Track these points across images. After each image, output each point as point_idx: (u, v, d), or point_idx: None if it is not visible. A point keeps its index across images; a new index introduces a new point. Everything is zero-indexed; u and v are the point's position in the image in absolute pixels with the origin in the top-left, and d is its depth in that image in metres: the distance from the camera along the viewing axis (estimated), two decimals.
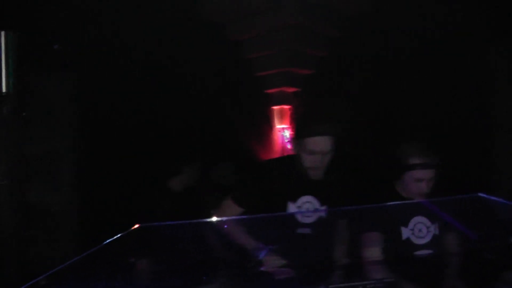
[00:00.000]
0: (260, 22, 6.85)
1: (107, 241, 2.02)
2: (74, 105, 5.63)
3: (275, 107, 8.09)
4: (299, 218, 2.73)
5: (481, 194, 2.25)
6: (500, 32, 5.62)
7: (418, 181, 2.75)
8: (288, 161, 2.81)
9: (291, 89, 7.90)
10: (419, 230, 2.81)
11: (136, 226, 2.07)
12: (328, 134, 2.62)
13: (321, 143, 2.61)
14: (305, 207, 2.74)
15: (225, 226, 2.62)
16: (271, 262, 2.49)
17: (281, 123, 8.11)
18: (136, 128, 5.89)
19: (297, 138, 2.70)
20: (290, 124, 8.17)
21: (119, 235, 2.04)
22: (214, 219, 2.68)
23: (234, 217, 2.61)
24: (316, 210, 2.74)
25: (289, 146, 8.11)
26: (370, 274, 2.55)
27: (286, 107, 8.11)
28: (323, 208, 2.78)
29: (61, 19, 5.36)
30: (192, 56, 6.48)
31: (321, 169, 2.68)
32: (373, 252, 2.69)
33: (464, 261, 2.91)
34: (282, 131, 8.14)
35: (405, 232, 2.80)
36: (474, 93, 5.86)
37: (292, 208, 2.72)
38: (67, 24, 5.43)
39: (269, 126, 8.02)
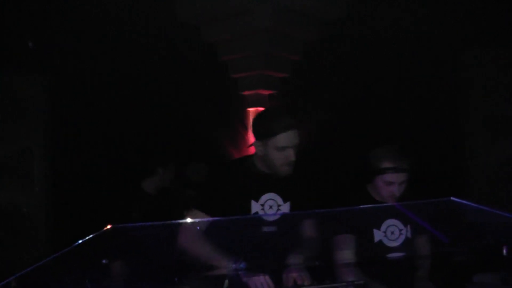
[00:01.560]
0: (234, 24, 6.85)
1: (78, 242, 1.99)
2: (47, 104, 5.57)
3: (250, 109, 8.09)
4: (264, 217, 2.72)
5: (453, 198, 2.27)
6: (472, 40, 5.73)
7: (389, 184, 2.78)
8: (247, 161, 2.81)
9: (266, 92, 7.92)
10: (391, 233, 2.84)
11: (108, 227, 2.05)
12: (297, 127, 2.64)
13: (293, 137, 2.62)
14: (268, 205, 2.72)
15: (197, 228, 2.60)
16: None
17: None
18: (109, 129, 5.85)
19: (263, 137, 2.65)
20: None
21: (90, 236, 2.02)
22: (188, 220, 2.67)
23: (205, 219, 2.58)
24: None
25: None
26: (341, 276, 2.56)
27: (261, 109, 8.11)
28: (287, 205, 2.76)
29: (34, 20, 5.30)
30: (168, 57, 6.46)
31: (292, 164, 2.67)
32: (345, 254, 2.71)
33: (435, 264, 2.94)
34: None
35: (378, 235, 2.83)
36: (446, 98, 5.95)
37: (255, 206, 2.71)
38: (41, 24, 5.37)
39: (245, 127, 8.03)
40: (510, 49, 5.51)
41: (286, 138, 2.60)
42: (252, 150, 2.77)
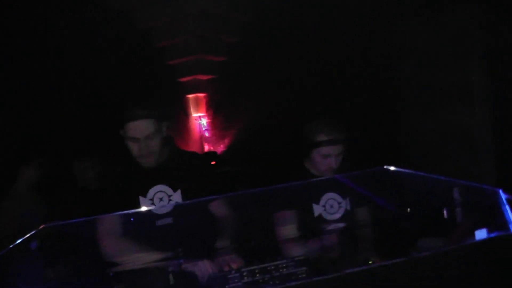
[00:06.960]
0: (168, 9, 6.73)
1: (10, 246, 1.89)
2: None
3: (190, 96, 7.98)
4: (155, 210, 2.50)
5: (386, 167, 2.27)
6: (407, 11, 5.79)
7: (326, 157, 2.77)
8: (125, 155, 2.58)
9: (205, 77, 7.83)
10: (330, 206, 2.83)
11: (42, 226, 1.96)
12: (148, 117, 2.40)
13: (141, 128, 2.40)
14: (158, 197, 2.52)
15: (131, 219, 2.50)
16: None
17: (197, 111, 8.03)
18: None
19: (122, 126, 2.45)
20: (207, 112, 8.11)
21: (24, 238, 1.93)
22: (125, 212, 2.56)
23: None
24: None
25: (206, 134, 8.05)
26: (282, 253, 2.53)
27: (201, 95, 8.02)
28: (177, 193, 2.55)
29: None
30: (100, 44, 6.26)
31: (151, 156, 2.48)
32: (285, 230, 2.69)
33: (378, 232, 2.96)
34: (199, 120, 8.07)
35: (317, 209, 2.81)
36: (380, 69, 6.02)
37: (144, 202, 2.50)
38: None
39: (185, 115, 7.93)
40: (445, 17, 5.59)
41: (133, 129, 2.41)
42: None
